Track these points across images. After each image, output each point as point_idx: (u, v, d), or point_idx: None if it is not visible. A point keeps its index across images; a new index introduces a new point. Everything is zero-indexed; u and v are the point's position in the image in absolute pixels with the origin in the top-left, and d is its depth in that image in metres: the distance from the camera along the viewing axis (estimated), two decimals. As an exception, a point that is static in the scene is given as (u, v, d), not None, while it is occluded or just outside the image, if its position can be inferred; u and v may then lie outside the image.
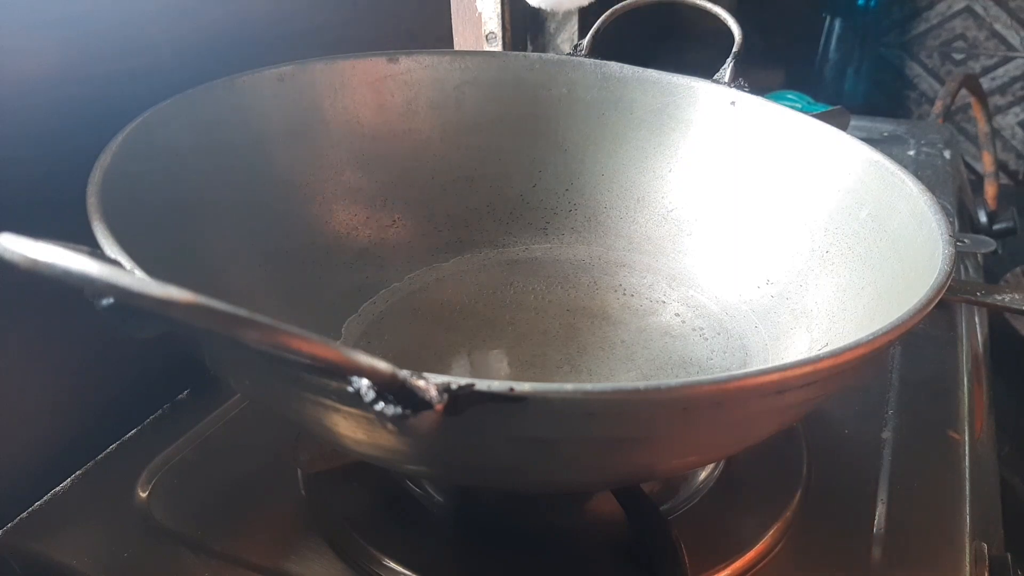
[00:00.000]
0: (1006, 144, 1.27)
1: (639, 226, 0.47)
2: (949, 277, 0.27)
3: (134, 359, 0.40)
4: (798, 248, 0.41)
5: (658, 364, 0.40)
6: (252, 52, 0.44)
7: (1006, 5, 1.20)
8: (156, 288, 0.16)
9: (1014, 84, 1.24)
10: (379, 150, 0.44)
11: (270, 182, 0.40)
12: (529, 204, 0.48)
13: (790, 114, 0.42)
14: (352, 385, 0.18)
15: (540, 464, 0.25)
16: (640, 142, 0.47)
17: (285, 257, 0.39)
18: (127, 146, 0.31)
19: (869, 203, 0.37)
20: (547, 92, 0.47)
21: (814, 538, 0.34)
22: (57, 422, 0.38)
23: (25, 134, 0.34)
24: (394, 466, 0.32)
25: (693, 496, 0.35)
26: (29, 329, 0.36)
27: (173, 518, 0.35)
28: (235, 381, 0.28)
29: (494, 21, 0.72)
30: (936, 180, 0.72)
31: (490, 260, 0.47)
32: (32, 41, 0.34)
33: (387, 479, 0.36)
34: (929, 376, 0.45)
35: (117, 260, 0.23)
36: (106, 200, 0.27)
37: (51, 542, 0.34)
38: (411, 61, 0.45)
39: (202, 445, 0.39)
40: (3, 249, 0.16)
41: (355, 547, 0.32)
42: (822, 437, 0.39)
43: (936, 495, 0.36)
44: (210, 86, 0.37)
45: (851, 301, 0.36)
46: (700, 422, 0.23)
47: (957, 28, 1.24)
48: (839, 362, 0.22)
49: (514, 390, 0.19)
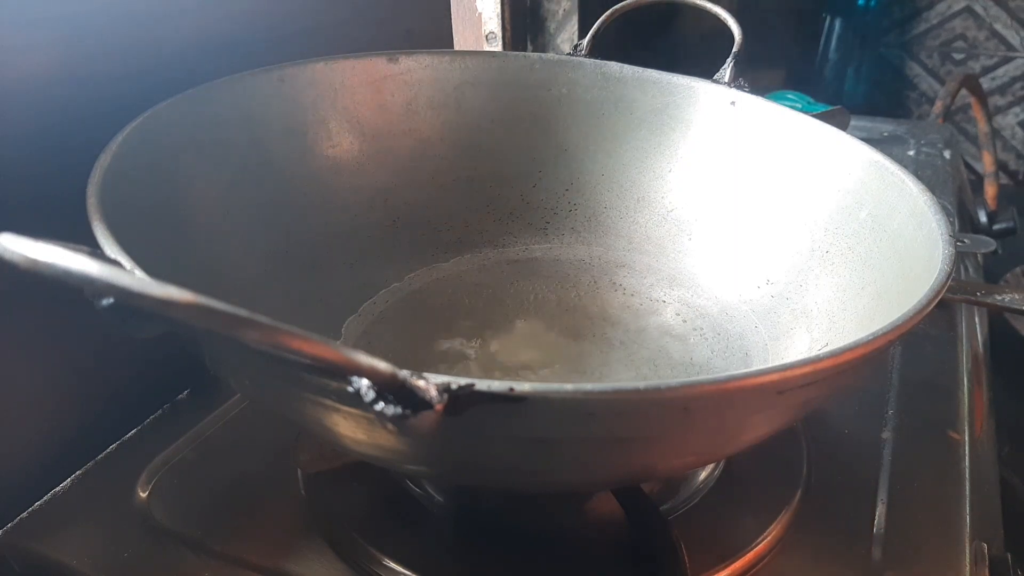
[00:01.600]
0: (1006, 144, 1.27)
1: (639, 226, 0.47)
2: (949, 277, 0.27)
3: (134, 359, 0.40)
4: (798, 248, 0.41)
5: (658, 364, 0.40)
6: (252, 52, 0.44)
7: (1006, 5, 1.20)
8: (156, 288, 0.16)
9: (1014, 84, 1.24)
10: (379, 150, 0.44)
11: (270, 182, 0.40)
12: (529, 204, 0.48)
13: (790, 114, 0.42)
14: (352, 385, 0.18)
15: (540, 464, 0.25)
16: (640, 142, 0.47)
17: (285, 257, 0.39)
18: (127, 146, 0.31)
19: (869, 203, 0.37)
20: (547, 92, 0.47)
21: (814, 538, 0.34)
22: (57, 422, 0.38)
23: (25, 134, 0.34)
24: (394, 466, 0.32)
25: (693, 496, 0.35)
26: (29, 329, 0.36)
27: (173, 518, 0.35)
28: (235, 381, 0.28)
29: (494, 21, 0.72)
30: (936, 180, 0.72)
31: (490, 260, 0.47)
32: (32, 40, 0.34)
33: (387, 479, 0.36)
34: (929, 376, 0.45)
35: (117, 260, 0.23)
36: (106, 200, 0.27)
37: (51, 542, 0.34)
38: (411, 61, 0.45)
39: (202, 445, 0.39)
40: (3, 249, 0.16)
41: (355, 547, 0.32)
42: (822, 437, 0.39)
43: (936, 495, 0.36)
44: (210, 86, 0.37)
45: (851, 301, 0.36)
46: (700, 422, 0.23)
47: (957, 28, 1.24)
48: (839, 362, 0.22)
49: (514, 390, 0.19)
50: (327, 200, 0.42)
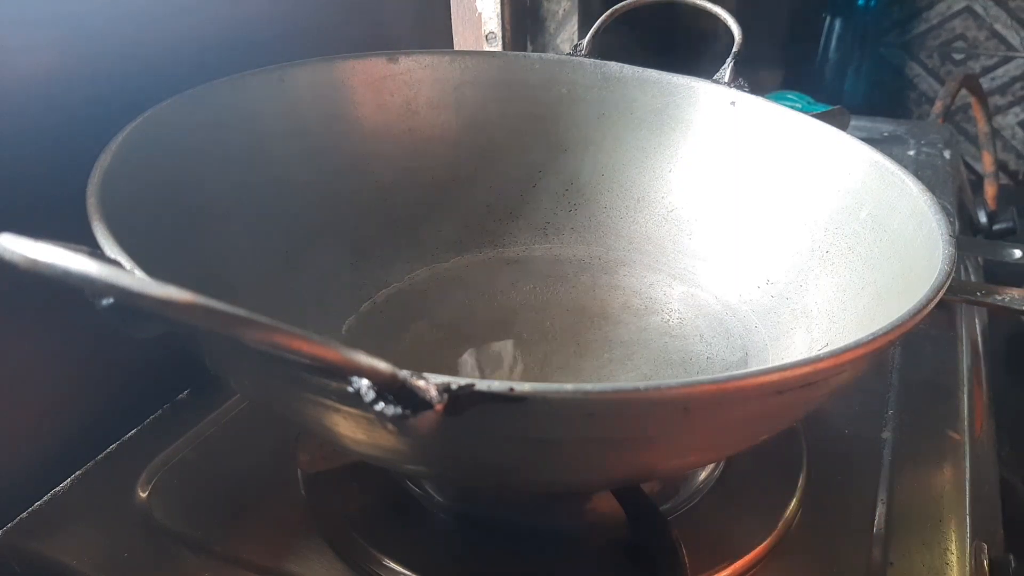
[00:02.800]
0: (1006, 144, 1.27)
1: (639, 226, 0.47)
2: (949, 277, 0.27)
3: (134, 359, 0.40)
4: (798, 248, 0.41)
5: (658, 364, 0.40)
6: (252, 52, 0.44)
7: (1006, 5, 1.20)
8: (156, 288, 0.16)
9: (1014, 84, 1.24)
10: (379, 150, 0.44)
11: (270, 182, 0.40)
12: (529, 204, 0.48)
13: (790, 114, 0.42)
14: (352, 385, 0.18)
15: (540, 464, 0.25)
16: (640, 142, 0.47)
17: (285, 257, 0.39)
18: (127, 146, 0.31)
19: (869, 203, 0.37)
20: (547, 92, 0.47)
21: (814, 538, 0.34)
22: (57, 422, 0.38)
23: (25, 134, 0.34)
24: (394, 466, 0.32)
25: (693, 496, 0.35)
26: (29, 329, 0.36)
27: (173, 518, 0.35)
28: (235, 381, 0.28)
29: (494, 21, 0.72)
30: (936, 180, 0.72)
31: (490, 260, 0.47)
32: (32, 40, 0.34)
33: (387, 479, 0.35)
34: (929, 376, 0.45)
35: (117, 260, 0.23)
36: (106, 200, 0.27)
37: (51, 542, 0.34)
38: (411, 61, 0.45)
39: (202, 445, 0.39)
40: (3, 249, 0.16)
41: (355, 547, 0.32)
42: (822, 437, 0.39)
43: (936, 495, 0.36)
44: (210, 86, 0.37)
45: (851, 301, 0.36)
46: (700, 422, 0.23)
47: (957, 28, 1.24)
48: (839, 362, 0.22)
49: (514, 390, 0.19)
50: (327, 200, 0.42)
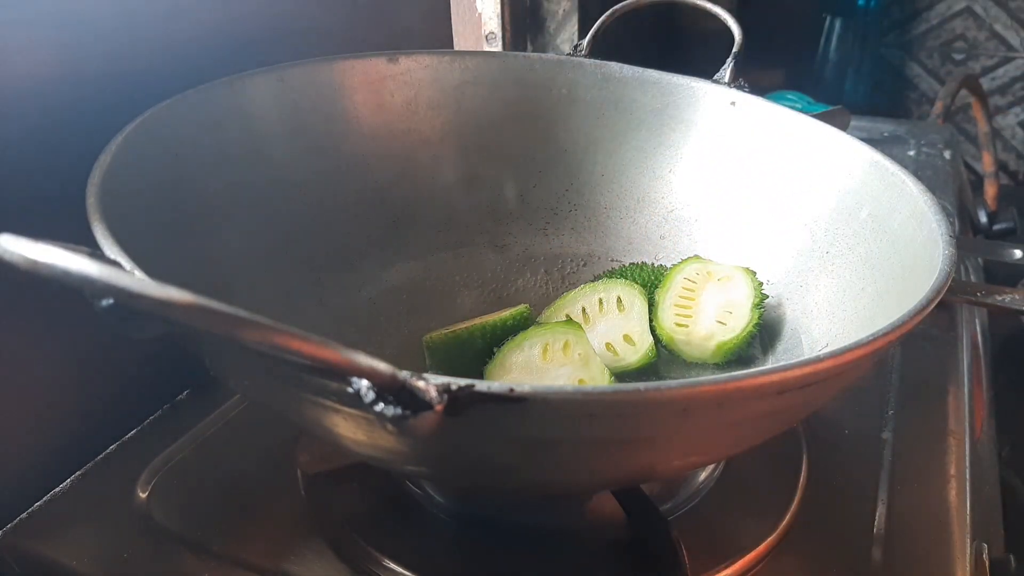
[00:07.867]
0: (1006, 144, 1.27)
1: (639, 226, 0.47)
2: (949, 277, 0.27)
3: (134, 359, 0.40)
4: (798, 248, 0.41)
5: (657, 364, 0.40)
6: (252, 52, 0.44)
7: (1006, 5, 1.20)
8: (155, 289, 0.16)
9: (1014, 84, 1.24)
10: (379, 150, 0.44)
11: (270, 182, 0.40)
12: (529, 204, 0.48)
13: (790, 114, 0.42)
14: (352, 386, 0.18)
15: (540, 464, 0.25)
16: (640, 142, 0.47)
17: (284, 257, 0.39)
18: (127, 146, 0.31)
19: (869, 203, 0.37)
20: (547, 92, 0.47)
21: (814, 538, 0.34)
22: (57, 422, 0.38)
23: (25, 134, 0.34)
24: (394, 467, 0.32)
25: (693, 496, 0.35)
26: (29, 330, 0.36)
27: (173, 518, 0.35)
28: (235, 382, 0.28)
29: (494, 21, 0.72)
30: (936, 180, 0.72)
31: (490, 260, 0.47)
32: (32, 40, 0.34)
33: (387, 480, 0.35)
34: (929, 376, 0.45)
35: (117, 261, 0.23)
36: (106, 200, 0.27)
37: (51, 542, 0.34)
38: (411, 61, 0.45)
39: (202, 445, 0.39)
40: (3, 249, 0.16)
41: (355, 548, 0.32)
42: (822, 437, 0.39)
43: (936, 495, 0.36)
44: (210, 86, 0.37)
45: (851, 301, 0.36)
46: (700, 423, 0.23)
47: (957, 28, 1.24)
48: (839, 362, 0.22)
49: (514, 391, 0.19)
50: (327, 200, 0.42)
